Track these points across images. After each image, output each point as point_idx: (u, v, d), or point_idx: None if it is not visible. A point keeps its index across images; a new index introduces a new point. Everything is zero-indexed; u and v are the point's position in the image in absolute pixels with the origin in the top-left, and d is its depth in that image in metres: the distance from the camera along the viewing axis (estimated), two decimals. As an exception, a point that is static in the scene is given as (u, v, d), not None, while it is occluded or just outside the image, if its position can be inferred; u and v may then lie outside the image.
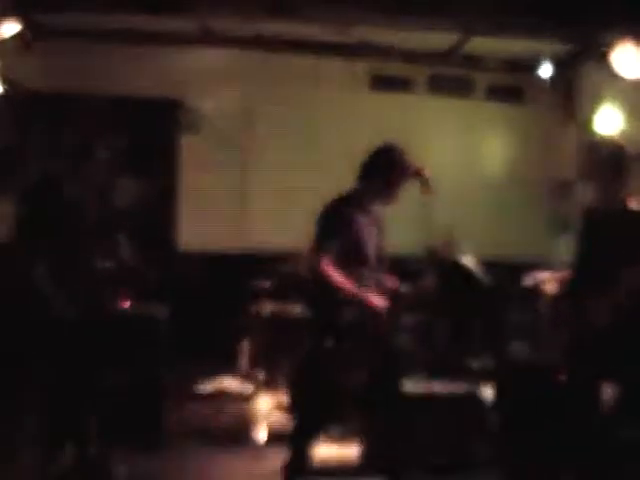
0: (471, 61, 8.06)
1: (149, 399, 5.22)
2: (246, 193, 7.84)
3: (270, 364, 5.87)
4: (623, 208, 4.16)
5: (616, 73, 6.39)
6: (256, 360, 6.05)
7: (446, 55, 7.95)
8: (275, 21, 6.92)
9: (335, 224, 4.03)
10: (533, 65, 7.69)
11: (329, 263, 3.96)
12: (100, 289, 4.44)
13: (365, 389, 4.14)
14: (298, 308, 5.79)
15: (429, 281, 4.26)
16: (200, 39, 7.61)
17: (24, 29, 6.62)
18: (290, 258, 6.28)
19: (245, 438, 5.40)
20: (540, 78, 7.73)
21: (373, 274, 4.14)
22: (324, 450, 4.77)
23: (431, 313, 6.04)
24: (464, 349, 5.97)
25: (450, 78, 8.22)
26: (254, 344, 6.11)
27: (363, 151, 4.30)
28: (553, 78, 7.72)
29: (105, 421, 4.54)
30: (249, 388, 6.01)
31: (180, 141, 7.84)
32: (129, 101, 7.53)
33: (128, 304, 5.02)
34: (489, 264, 6.59)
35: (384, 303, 4.04)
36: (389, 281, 4.27)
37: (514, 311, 6.18)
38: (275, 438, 5.24)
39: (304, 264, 4.41)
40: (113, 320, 4.76)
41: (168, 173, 7.86)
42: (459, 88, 8.24)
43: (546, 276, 5.03)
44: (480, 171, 8.25)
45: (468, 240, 6.64)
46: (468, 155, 8.26)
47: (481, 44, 7.54)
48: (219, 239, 7.65)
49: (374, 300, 4.02)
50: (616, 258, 4.03)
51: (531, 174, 8.13)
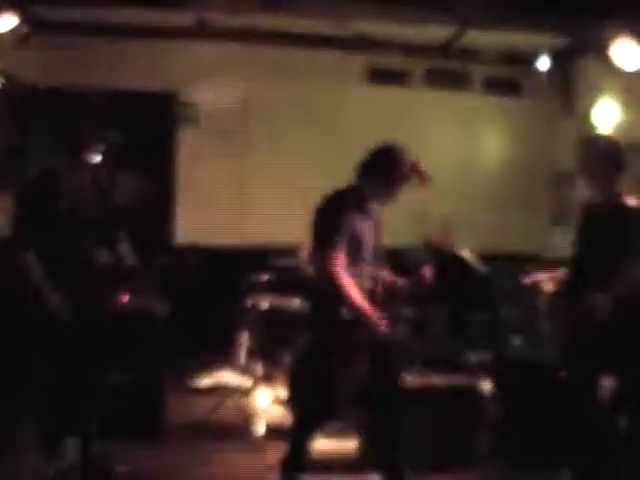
0: (468, 54, 8.05)
1: (148, 394, 5.23)
2: (244, 187, 7.83)
3: (269, 358, 5.87)
4: (619, 204, 4.17)
5: (614, 66, 6.39)
6: (254, 354, 6.05)
7: (443, 48, 7.93)
8: (272, 14, 6.91)
9: (341, 221, 4.01)
10: (531, 58, 7.69)
11: (341, 265, 3.94)
12: (99, 285, 4.42)
13: (364, 383, 4.14)
14: (297, 302, 5.79)
15: (427, 274, 4.26)
16: (197, 32, 7.59)
17: (21, 23, 6.60)
18: (288, 252, 6.29)
19: (244, 432, 5.41)
20: (538, 71, 7.73)
21: (371, 270, 4.13)
22: (323, 444, 4.77)
23: (429, 306, 6.05)
24: (462, 342, 5.98)
25: (447, 71, 8.21)
26: (252, 338, 6.10)
27: (360, 144, 4.29)
28: (551, 71, 7.72)
29: (104, 417, 4.54)
30: (248, 382, 6.01)
31: (178, 135, 7.83)
32: (126, 95, 7.49)
33: (127, 300, 5.02)
34: (487, 257, 6.60)
35: (386, 325, 4.02)
36: (387, 276, 4.27)
37: (513, 305, 6.19)
38: (274, 432, 5.25)
39: (307, 259, 4.40)
40: (112, 316, 4.75)
41: (166, 167, 7.85)
42: (456, 81, 8.23)
43: (544, 276, 5.04)
44: (477, 164, 8.25)
45: (466, 233, 6.66)
46: (465, 148, 8.25)
47: (478, 37, 7.53)
48: (217, 233, 7.65)
49: (377, 319, 3.99)
50: (613, 254, 4.04)
51: (529, 167, 8.13)
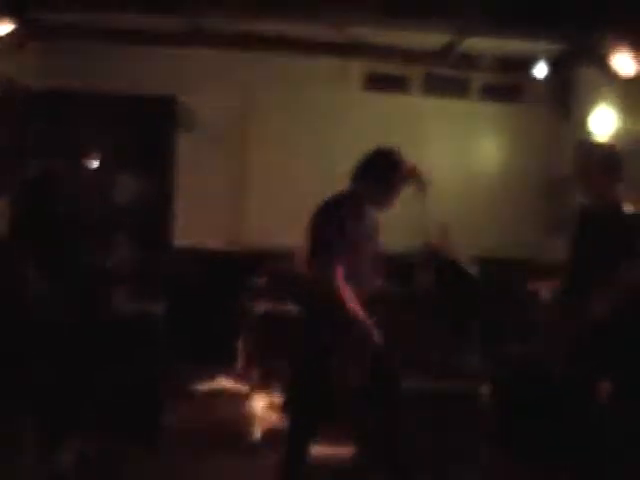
0: (466, 60, 8.06)
1: (146, 398, 5.22)
2: (241, 191, 7.84)
3: (265, 363, 5.87)
4: (616, 210, 4.18)
5: (611, 73, 6.40)
6: (252, 359, 6.05)
7: (441, 55, 7.94)
8: (270, 20, 6.93)
9: (339, 229, 3.99)
10: (529, 65, 7.70)
11: (340, 276, 3.91)
12: (98, 287, 4.43)
13: (361, 388, 4.14)
14: (294, 307, 5.79)
15: (425, 279, 4.26)
16: (195, 38, 7.60)
17: (19, 28, 6.61)
18: (286, 256, 6.28)
19: (241, 437, 5.40)
20: (535, 78, 7.74)
21: (369, 275, 4.13)
22: (320, 450, 4.76)
23: (428, 311, 6.04)
24: (461, 348, 5.97)
25: (445, 78, 8.22)
26: (249, 343, 6.11)
27: (358, 150, 4.29)
28: (548, 78, 7.73)
29: (102, 420, 4.53)
30: (245, 387, 6.01)
31: (176, 139, 7.83)
32: (124, 99, 7.52)
33: (125, 302, 5.02)
34: (484, 261, 6.61)
35: (380, 341, 4.00)
36: (385, 281, 4.26)
37: (511, 310, 6.19)
38: (270, 437, 5.25)
39: (303, 265, 4.39)
40: (110, 319, 4.75)
41: (164, 171, 7.85)
42: (454, 88, 8.24)
43: (544, 285, 5.05)
44: (475, 170, 8.25)
45: (464, 238, 6.66)
46: (463, 155, 8.25)
47: (476, 43, 7.54)
48: (215, 237, 7.65)
49: (373, 334, 3.98)
50: (609, 260, 4.05)
51: (526, 173, 8.13)
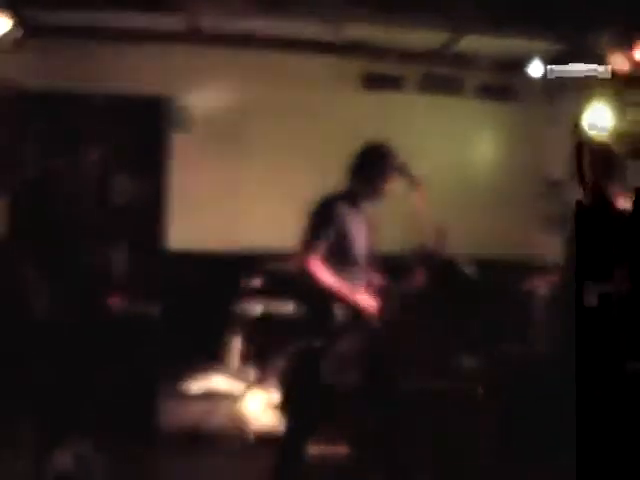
0: (463, 60, 8.05)
1: (140, 398, 5.21)
2: (237, 192, 7.82)
3: (261, 363, 5.86)
4: (613, 208, 4.18)
5: (607, 71, 6.39)
6: (247, 359, 6.04)
7: (437, 54, 7.94)
8: (266, 19, 6.91)
9: (324, 223, 4.02)
10: (525, 64, 7.69)
11: (317, 263, 3.96)
12: (93, 288, 4.42)
13: (358, 388, 4.13)
14: (289, 307, 5.78)
15: (419, 278, 4.26)
16: (191, 37, 7.58)
17: (15, 26, 6.59)
18: (281, 257, 6.27)
19: (236, 438, 5.39)
20: (531, 77, 7.73)
21: (363, 273, 4.13)
22: (316, 449, 4.76)
23: (423, 310, 6.03)
24: (457, 346, 5.97)
25: (441, 77, 8.21)
26: (245, 343, 6.09)
27: (355, 149, 4.29)
28: (544, 77, 7.72)
29: (100, 420, 4.52)
30: (240, 387, 6.00)
31: (171, 139, 7.82)
32: (120, 99, 7.50)
33: (120, 303, 5.01)
34: (481, 262, 6.60)
35: (374, 303, 4.03)
36: (379, 279, 4.27)
37: (509, 309, 6.18)
38: (266, 438, 5.24)
39: (293, 263, 4.41)
40: (105, 319, 4.74)
41: (159, 171, 7.83)
42: (450, 87, 8.23)
43: (540, 282, 5.05)
44: (471, 169, 8.25)
45: (459, 237, 6.65)
46: (459, 153, 8.25)
47: (472, 43, 7.53)
48: (210, 238, 7.63)
49: (363, 300, 4.01)
50: (606, 259, 4.05)
51: (523, 173, 8.13)
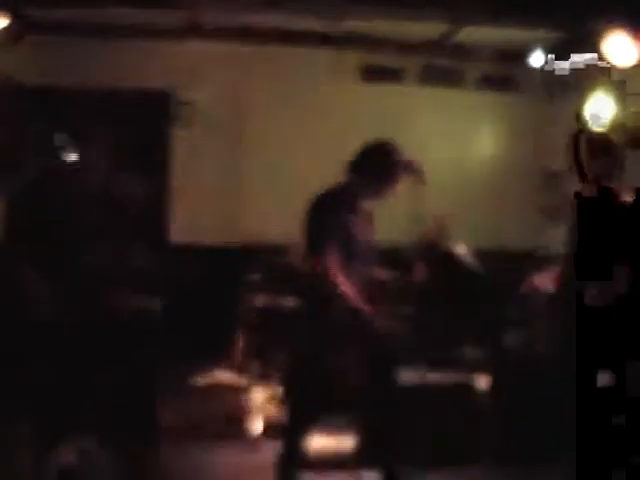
0: (463, 51, 8.03)
1: (142, 394, 5.22)
2: (239, 185, 7.81)
3: (264, 356, 5.87)
4: (614, 200, 4.18)
5: (609, 61, 6.37)
6: (250, 353, 6.04)
7: (437, 45, 7.91)
8: (265, 12, 6.90)
9: (332, 220, 4.00)
10: (525, 54, 7.67)
11: (335, 262, 3.92)
12: (94, 284, 4.43)
13: (360, 381, 4.14)
14: (292, 301, 5.78)
15: (419, 270, 4.26)
16: (190, 31, 7.56)
17: (14, 23, 6.57)
18: (284, 250, 6.27)
19: (240, 431, 5.40)
20: (532, 67, 7.71)
21: (365, 268, 4.12)
22: (319, 442, 4.77)
23: (424, 303, 6.04)
24: (459, 339, 5.97)
25: (442, 68, 8.19)
26: (248, 337, 6.10)
27: (355, 142, 4.28)
28: (544, 67, 7.70)
29: (102, 418, 4.53)
30: (243, 381, 6.00)
31: (172, 134, 7.81)
32: (120, 94, 7.49)
33: (124, 299, 5.02)
34: (482, 253, 6.60)
35: (380, 321, 4.02)
36: (381, 274, 4.27)
37: (508, 301, 6.18)
38: (270, 430, 5.25)
39: (300, 258, 4.40)
40: (107, 315, 4.75)
41: (161, 166, 7.82)
42: (451, 78, 8.22)
43: (542, 279, 5.05)
44: (472, 161, 8.24)
45: (461, 230, 6.65)
46: (460, 145, 8.24)
47: (472, 33, 7.51)
48: (213, 232, 7.64)
49: (372, 313, 3.99)
50: (608, 251, 4.05)
51: (524, 164, 8.12)
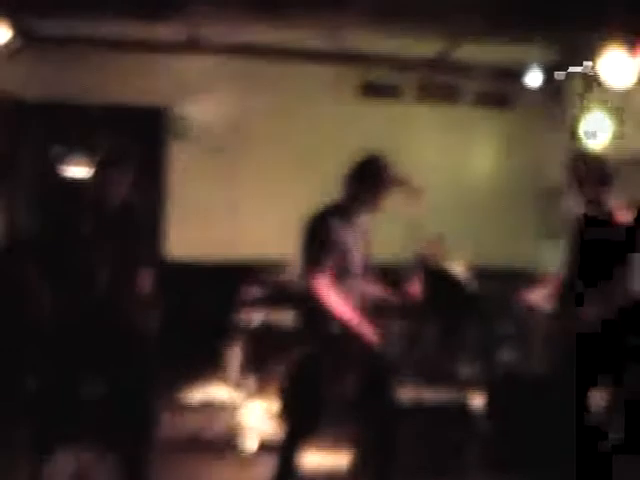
0: (460, 68, 8.06)
1: (138, 409, 5.19)
2: (235, 202, 7.82)
3: (260, 373, 5.85)
4: (610, 219, 4.22)
5: (605, 80, 6.40)
6: (246, 369, 6.03)
7: (435, 62, 7.95)
8: (264, 29, 6.93)
9: (326, 238, 4.00)
10: (522, 72, 7.71)
11: (326, 282, 3.94)
12: (92, 300, 4.43)
13: (356, 397, 4.13)
14: (288, 316, 5.77)
15: (414, 287, 4.26)
16: (188, 47, 7.60)
17: (12, 36, 6.59)
18: (280, 267, 6.27)
19: (235, 447, 5.38)
20: (528, 85, 7.74)
21: (360, 284, 4.12)
22: (314, 459, 4.75)
23: (419, 320, 6.03)
24: (454, 357, 5.96)
25: (439, 85, 8.23)
26: (244, 353, 6.08)
27: (353, 159, 4.29)
28: (541, 85, 7.74)
29: (95, 431, 4.51)
30: (239, 397, 5.99)
31: (170, 150, 7.82)
32: (117, 109, 7.50)
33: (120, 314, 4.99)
34: (477, 271, 6.60)
35: (376, 337, 4.02)
36: (376, 290, 4.27)
37: (503, 319, 6.18)
38: (265, 447, 5.23)
39: (296, 275, 4.40)
40: (103, 329, 4.72)
41: (158, 182, 7.82)
42: (448, 95, 8.25)
43: (537, 296, 5.04)
44: (469, 179, 8.26)
45: (456, 247, 6.66)
46: (457, 162, 8.26)
47: (470, 51, 7.55)
48: (209, 248, 7.63)
49: (368, 332, 4.00)
50: (605, 269, 4.07)
51: (520, 181, 8.14)
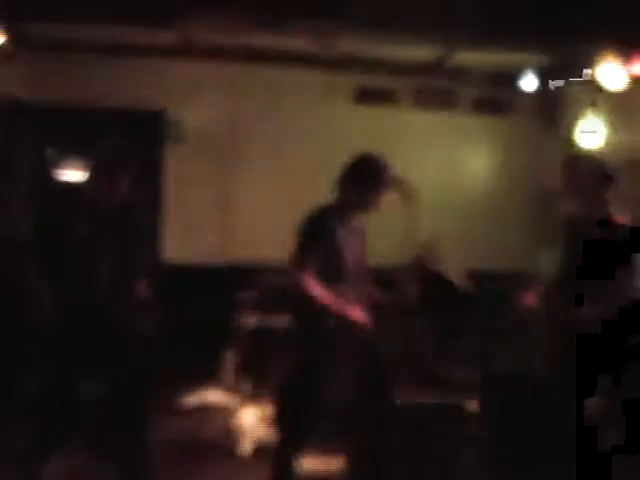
0: (457, 74, 8.08)
1: (134, 413, 5.17)
2: (230, 205, 7.82)
3: (255, 377, 5.84)
4: (607, 222, 4.21)
5: (600, 85, 6.42)
6: (241, 373, 6.02)
7: (431, 68, 7.96)
8: (259, 34, 6.93)
9: (315, 237, 4.00)
10: (518, 78, 7.72)
11: (310, 278, 3.93)
12: (90, 303, 4.42)
13: (351, 402, 4.12)
14: (284, 320, 5.76)
15: (409, 291, 4.25)
16: (184, 51, 7.60)
17: (7, 40, 6.59)
18: (275, 270, 6.26)
19: (230, 451, 5.37)
20: (524, 90, 7.76)
21: (354, 286, 4.12)
22: (309, 464, 4.74)
23: (414, 323, 6.03)
24: (449, 360, 5.96)
25: (435, 91, 8.24)
26: (239, 356, 6.08)
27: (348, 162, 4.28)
28: (537, 90, 7.76)
29: (89, 435, 4.50)
30: (234, 401, 5.98)
31: (166, 153, 7.82)
32: (112, 112, 7.49)
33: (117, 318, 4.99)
34: (473, 275, 6.60)
35: (366, 316, 4.02)
36: (371, 293, 4.26)
37: (499, 322, 6.18)
38: (260, 451, 5.22)
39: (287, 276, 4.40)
40: (99, 333, 4.72)
41: (154, 185, 7.81)
42: (445, 100, 8.26)
43: (534, 297, 5.03)
44: (465, 183, 8.27)
45: (452, 251, 6.66)
46: (453, 167, 8.28)
47: (466, 57, 7.56)
48: (204, 251, 7.63)
49: (356, 314, 4.00)
50: (600, 272, 4.07)
51: (516, 186, 8.16)
